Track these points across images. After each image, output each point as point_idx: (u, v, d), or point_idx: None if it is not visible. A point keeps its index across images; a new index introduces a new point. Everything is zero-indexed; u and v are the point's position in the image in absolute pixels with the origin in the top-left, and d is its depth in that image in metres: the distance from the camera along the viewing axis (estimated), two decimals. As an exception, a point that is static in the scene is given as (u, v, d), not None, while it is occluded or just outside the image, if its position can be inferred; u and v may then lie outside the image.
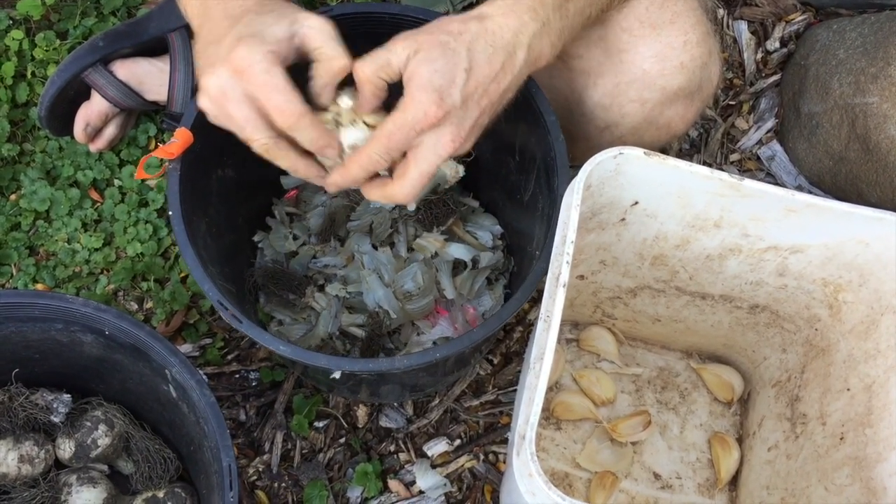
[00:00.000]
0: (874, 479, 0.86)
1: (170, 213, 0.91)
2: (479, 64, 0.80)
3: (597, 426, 1.17)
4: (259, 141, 0.80)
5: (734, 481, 1.15)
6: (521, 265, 1.11)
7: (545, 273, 0.85)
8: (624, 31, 0.95)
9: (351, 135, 0.83)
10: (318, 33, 0.80)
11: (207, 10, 0.82)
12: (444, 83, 0.78)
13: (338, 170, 0.83)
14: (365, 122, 0.83)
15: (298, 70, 0.81)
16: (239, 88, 0.77)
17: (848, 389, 0.95)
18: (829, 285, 0.97)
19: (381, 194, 0.84)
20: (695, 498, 1.15)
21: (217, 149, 0.96)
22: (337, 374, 0.89)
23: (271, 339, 0.88)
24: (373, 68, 0.79)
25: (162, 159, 1.25)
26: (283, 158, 0.81)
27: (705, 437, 1.18)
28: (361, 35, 1.00)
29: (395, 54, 0.79)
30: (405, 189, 0.82)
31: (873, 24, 1.28)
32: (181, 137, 0.90)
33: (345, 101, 0.83)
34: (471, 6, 1.09)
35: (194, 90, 1.11)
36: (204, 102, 0.80)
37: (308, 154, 0.82)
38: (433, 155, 0.80)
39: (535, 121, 0.97)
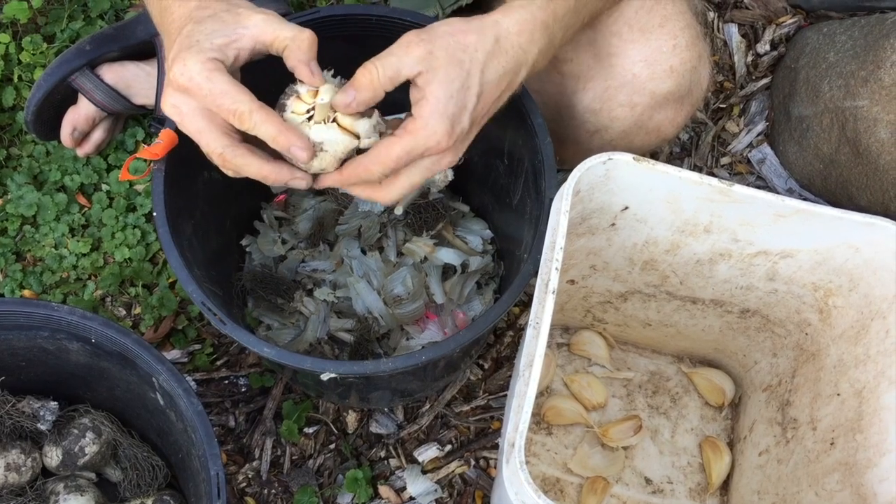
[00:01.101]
0: (864, 484, 0.86)
1: (154, 213, 0.91)
2: (489, 87, 0.79)
3: (588, 431, 1.17)
4: (215, 151, 0.77)
5: (725, 486, 1.15)
6: (511, 269, 1.11)
7: (533, 275, 0.84)
8: (613, 36, 0.95)
9: (321, 134, 0.79)
10: (265, 28, 0.77)
11: (162, 26, 0.81)
12: (456, 111, 0.77)
13: (332, 175, 0.81)
14: (338, 123, 0.79)
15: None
16: (190, 103, 0.76)
17: (838, 394, 0.95)
18: (819, 290, 0.97)
19: (366, 194, 0.83)
20: (686, 502, 1.14)
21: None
22: (325, 377, 0.89)
23: (256, 341, 0.88)
24: (380, 76, 0.77)
25: (148, 161, 1.24)
26: (245, 165, 0.77)
27: (696, 442, 1.18)
28: (348, 37, 1.00)
29: (406, 66, 0.77)
30: (391, 195, 0.81)
31: (863, 27, 1.28)
32: (165, 138, 0.90)
33: (324, 95, 0.78)
34: (460, 10, 1.08)
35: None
36: (173, 120, 0.79)
37: (274, 158, 0.79)
38: (427, 171, 0.80)
39: (522, 124, 0.97)
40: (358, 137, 0.80)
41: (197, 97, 0.75)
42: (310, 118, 0.79)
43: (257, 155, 0.78)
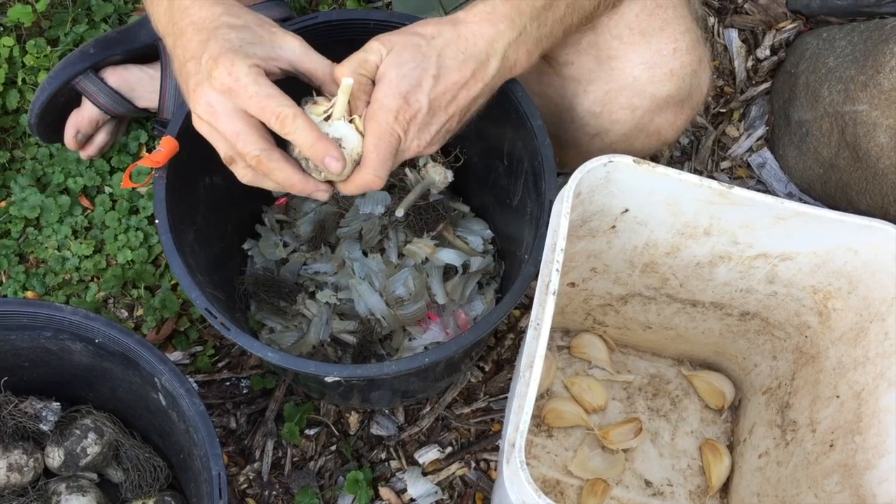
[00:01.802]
0: (863, 486, 0.86)
1: (157, 221, 0.91)
2: (448, 70, 0.81)
3: (588, 433, 1.17)
4: (251, 153, 0.78)
5: (725, 488, 1.15)
6: (512, 269, 1.11)
7: (534, 277, 0.85)
8: (614, 39, 0.95)
9: (341, 130, 0.81)
10: (306, 58, 0.81)
11: (176, 26, 0.81)
12: (409, 89, 0.79)
13: (347, 187, 0.83)
14: (354, 124, 0.82)
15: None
16: (229, 104, 0.76)
17: (837, 396, 0.95)
18: (818, 292, 0.97)
19: (354, 186, 0.83)
20: (686, 505, 1.15)
21: (204, 157, 0.96)
22: (330, 380, 0.89)
23: (260, 346, 0.88)
24: (352, 66, 0.80)
25: (149, 168, 1.25)
26: (278, 170, 0.79)
27: (696, 444, 1.18)
28: (348, 42, 1.00)
29: (370, 52, 0.81)
30: (367, 177, 0.82)
31: (862, 32, 1.29)
32: (167, 146, 0.90)
33: (343, 95, 0.80)
34: (461, 13, 1.09)
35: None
36: (196, 124, 0.80)
37: (301, 169, 0.81)
38: (400, 156, 0.82)
39: (521, 125, 0.97)
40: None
41: (240, 98, 0.76)
42: (327, 118, 0.81)
43: (290, 162, 0.80)
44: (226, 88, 0.76)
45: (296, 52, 0.80)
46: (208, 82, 0.76)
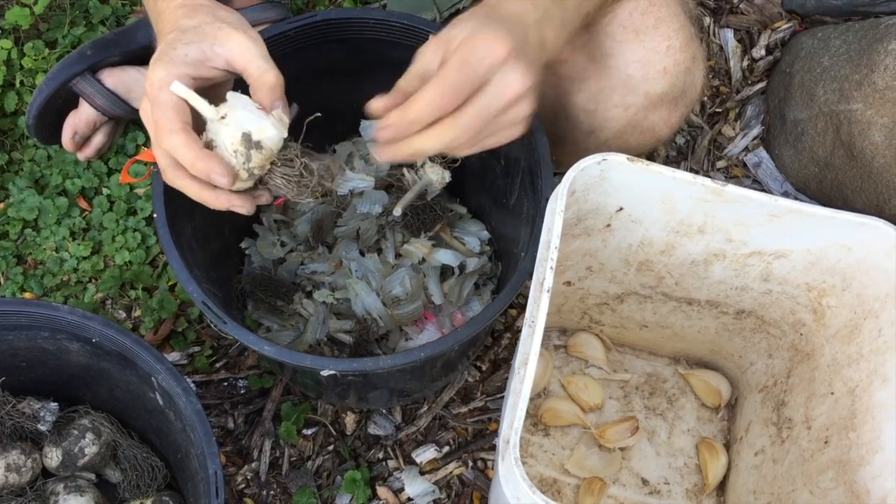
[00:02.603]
0: (857, 482, 0.86)
1: (154, 215, 0.92)
2: (509, 27, 0.75)
3: (585, 432, 1.17)
4: (160, 163, 0.77)
5: (722, 486, 1.15)
6: (508, 270, 1.11)
7: (530, 274, 0.85)
8: (608, 37, 0.96)
9: (219, 136, 0.77)
10: (240, 54, 0.77)
11: (156, 26, 0.83)
12: (494, 25, 0.73)
13: (394, 113, 0.75)
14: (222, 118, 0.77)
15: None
16: (148, 110, 0.77)
17: (832, 393, 0.95)
18: (812, 290, 0.97)
19: (437, 143, 0.75)
20: (683, 503, 1.15)
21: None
22: (325, 374, 0.89)
23: (256, 339, 0.89)
24: (410, 75, 0.76)
25: (148, 163, 1.25)
26: (185, 187, 0.77)
27: (693, 443, 1.18)
28: (345, 41, 1.01)
29: (426, 60, 0.76)
30: (464, 132, 0.74)
31: (857, 31, 1.29)
32: (166, 142, 0.91)
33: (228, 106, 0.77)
34: (457, 12, 1.09)
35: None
36: None
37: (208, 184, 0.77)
38: (496, 98, 0.74)
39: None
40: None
41: (150, 102, 0.76)
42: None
43: (190, 177, 0.77)
44: (149, 93, 0.76)
45: (233, 49, 0.77)
46: (146, 89, 0.77)
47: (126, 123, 1.31)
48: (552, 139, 0.95)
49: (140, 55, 1.21)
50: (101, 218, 1.27)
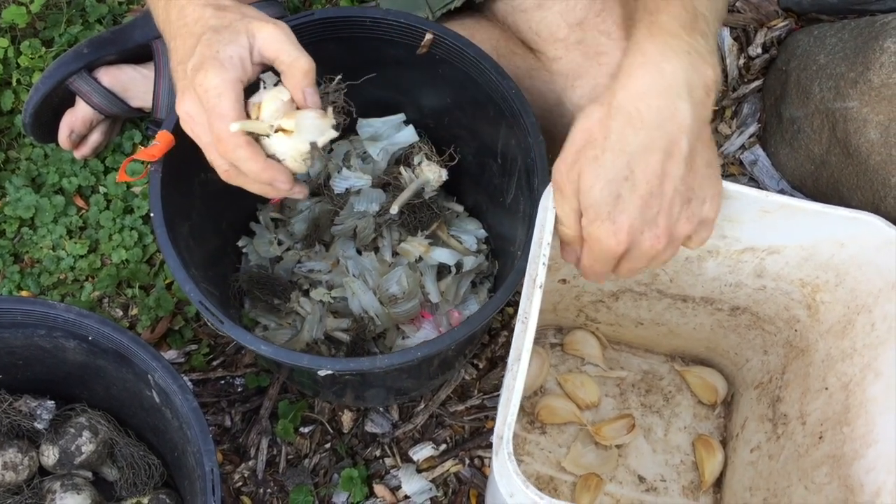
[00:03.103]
0: (851, 476, 0.87)
1: (151, 214, 0.92)
2: (639, 165, 0.73)
3: (581, 430, 1.17)
4: (220, 168, 0.81)
5: (718, 483, 1.16)
6: (505, 268, 1.12)
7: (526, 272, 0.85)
8: (602, 35, 0.96)
9: (274, 146, 0.81)
10: (271, 43, 0.79)
11: (173, 26, 0.82)
12: (609, 206, 0.74)
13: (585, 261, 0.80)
14: (282, 129, 0.81)
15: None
16: (203, 115, 0.78)
17: (826, 388, 0.95)
18: (806, 286, 0.98)
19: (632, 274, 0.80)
20: (679, 500, 1.15)
21: (199, 152, 0.97)
22: (322, 374, 0.90)
23: (253, 339, 0.89)
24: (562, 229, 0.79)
25: (145, 162, 1.25)
26: (247, 185, 0.82)
27: (689, 440, 1.18)
28: (343, 39, 1.01)
29: (565, 217, 0.78)
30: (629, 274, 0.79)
31: (853, 29, 1.29)
32: (163, 140, 0.91)
33: (266, 108, 0.80)
34: (449, 13, 1.09)
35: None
36: (182, 125, 0.81)
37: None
38: (642, 262, 0.77)
39: (515, 123, 0.98)
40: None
41: (206, 109, 0.78)
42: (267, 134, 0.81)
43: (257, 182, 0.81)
44: (199, 98, 0.77)
45: (265, 40, 0.79)
46: (190, 90, 0.78)
47: (123, 122, 1.31)
48: (547, 137, 0.96)
49: (136, 54, 1.21)
50: (97, 216, 1.27)
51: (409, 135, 1.14)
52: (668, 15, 0.75)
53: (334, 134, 0.83)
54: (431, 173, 1.12)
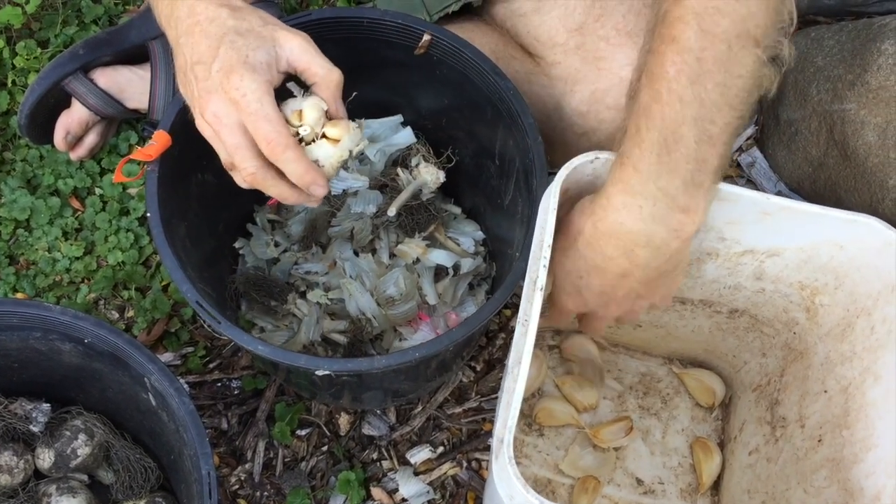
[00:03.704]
0: (851, 480, 0.87)
1: (148, 214, 0.91)
2: (594, 275, 0.84)
3: (579, 432, 1.17)
4: (247, 170, 0.81)
5: (716, 486, 1.16)
6: (503, 270, 1.11)
7: (524, 275, 0.85)
8: (601, 40, 0.96)
9: (315, 153, 0.84)
10: (301, 55, 0.81)
11: (181, 23, 0.81)
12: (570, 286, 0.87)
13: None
14: (325, 136, 0.84)
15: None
16: (233, 117, 0.78)
17: (825, 392, 0.95)
18: (805, 288, 0.97)
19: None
20: (677, 503, 1.15)
21: (197, 153, 0.96)
22: (320, 373, 0.89)
23: (250, 339, 0.88)
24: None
25: (141, 163, 1.25)
26: (272, 187, 0.82)
27: (687, 442, 1.18)
28: (340, 40, 1.01)
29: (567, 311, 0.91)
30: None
31: (850, 31, 1.29)
32: (159, 140, 0.91)
33: (309, 116, 0.83)
34: (447, 17, 1.09)
35: (175, 95, 1.12)
36: (200, 126, 0.81)
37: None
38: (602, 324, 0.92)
39: (513, 124, 0.98)
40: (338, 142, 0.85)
41: (243, 113, 0.78)
42: (300, 140, 0.84)
43: (285, 180, 0.82)
44: (234, 100, 0.77)
45: (294, 51, 0.81)
46: (219, 92, 0.78)
47: (119, 123, 1.30)
48: (546, 141, 0.95)
49: (133, 55, 1.21)
50: (93, 218, 1.27)
51: (406, 136, 1.14)
52: (641, 148, 0.74)
53: (367, 144, 0.86)
54: (429, 175, 1.12)
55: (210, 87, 0.78)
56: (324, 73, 0.82)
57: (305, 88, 0.84)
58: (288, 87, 0.84)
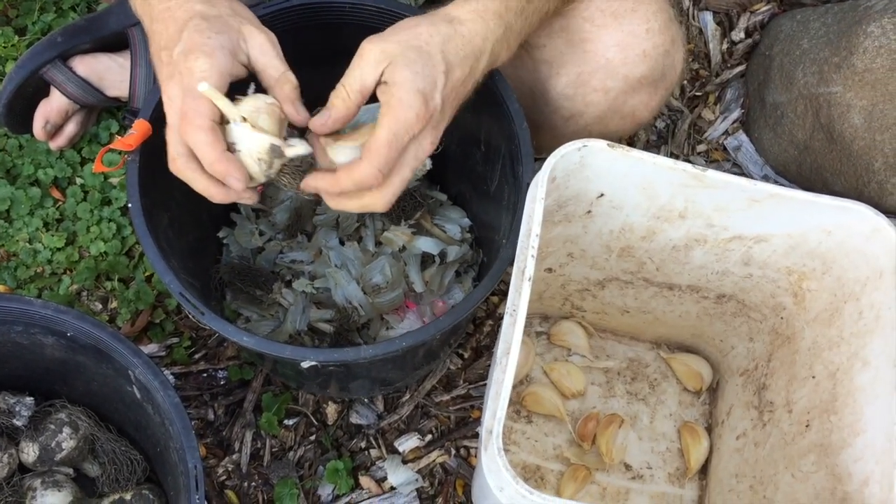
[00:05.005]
0: (839, 465, 0.87)
1: (129, 205, 0.90)
2: (453, 66, 0.80)
3: (571, 434, 1.16)
4: (170, 154, 0.78)
5: (704, 470, 1.16)
6: (490, 257, 1.11)
7: (511, 261, 0.85)
8: (586, 21, 0.95)
9: (235, 134, 0.78)
10: (261, 55, 0.79)
11: (154, 9, 0.80)
12: (426, 86, 0.77)
13: (325, 178, 0.79)
14: (251, 123, 0.78)
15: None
16: (180, 96, 0.76)
17: (813, 377, 0.96)
18: (793, 274, 0.97)
19: (359, 205, 0.81)
20: (665, 487, 1.15)
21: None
22: (306, 365, 0.89)
23: (235, 330, 0.88)
24: (349, 92, 0.78)
25: (122, 152, 1.23)
26: (193, 180, 0.79)
27: (675, 427, 1.18)
28: (323, 26, 1.00)
29: (368, 72, 0.78)
30: (386, 198, 0.80)
31: (836, 14, 1.29)
32: (139, 129, 0.89)
33: (247, 104, 0.78)
34: (432, 1, 1.08)
35: (155, 83, 1.10)
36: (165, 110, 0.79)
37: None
38: (414, 160, 0.80)
39: (498, 110, 0.97)
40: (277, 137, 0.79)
41: (183, 90, 0.76)
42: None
43: (206, 173, 0.78)
44: (183, 83, 0.76)
45: (255, 49, 0.79)
46: (175, 77, 0.76)
47: (99, 112, 1.29)
48: (532, 125, 0.95)
49: (112, 42, 1.19)
50: (74, 208, 1.25)
51: (391, 123, 1.13)
52: None
53: (301, 152, 0.79)
54: (414, 162, 1.11)
55: (171, 72, 0.77)
56: (278, 75, 0.79)
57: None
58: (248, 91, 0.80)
